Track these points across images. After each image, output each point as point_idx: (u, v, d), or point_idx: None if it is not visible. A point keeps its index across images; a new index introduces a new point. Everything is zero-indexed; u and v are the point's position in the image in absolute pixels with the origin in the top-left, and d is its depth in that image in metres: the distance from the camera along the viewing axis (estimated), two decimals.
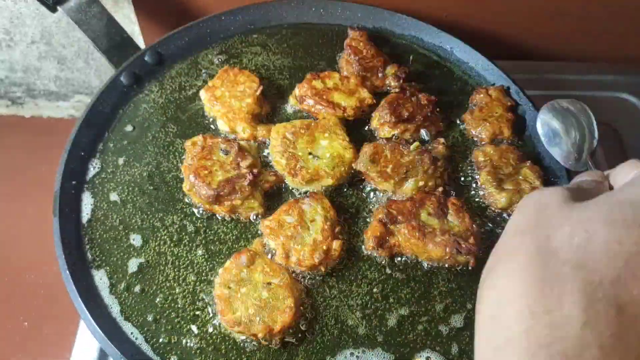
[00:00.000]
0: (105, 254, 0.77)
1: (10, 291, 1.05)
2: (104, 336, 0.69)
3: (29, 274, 1.07)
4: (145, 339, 0.71)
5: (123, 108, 0.91)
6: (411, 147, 0.84)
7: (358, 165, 0.82)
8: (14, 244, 1.11)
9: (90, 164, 0.85)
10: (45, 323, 1.01)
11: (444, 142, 0.86)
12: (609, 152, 1.06)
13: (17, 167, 1.23)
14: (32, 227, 1.11)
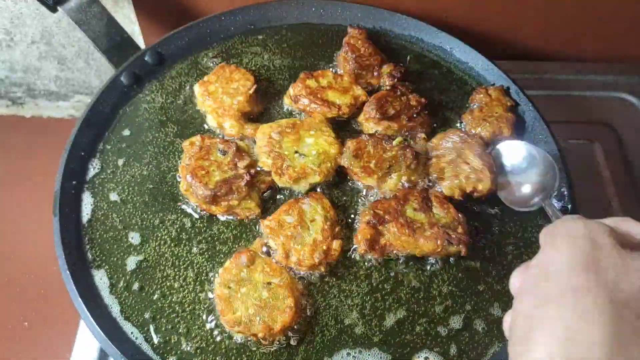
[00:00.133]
0: (105, 254, 0.77)
1: (10, 291, 1.05)
2: (104, 336, 0.69)
3: (29, 274, 1.07)
4: (145, 338, 0.71)
5: (123, 108, 0.91)
6: (394, 142, 0.84)
7: (342, 161, 0.83)
8: (14, 244, 1.11)
9: (90, 164, 0.85)
10: (45, 323, 1.02)
11: (425, 137, 0.88)
12: (609, 152, 1.06)
13: (17, 167, 1.24)
14: (32, 227, 1.11)
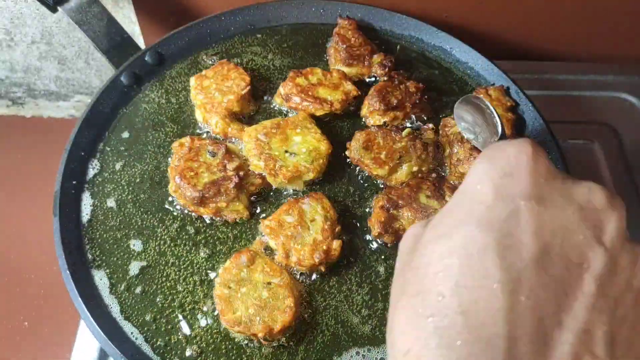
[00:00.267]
0: (105, 254, 0.77)
1: (10, 291, 1.05)
2: (104, 336, 0.69)
3: (29, 274, 1.07)
4: (145, 338, 0.71)
5: (123, 108, 0.91)
6: (403, 133, 0.85)
7: (352, 153, 0.83)
8: (14, 244, 1.11)
9: (90, 164, 0.85)
10: (45, 323, 1.01)
11: (432, 128, 0.88)
12: (609, 152, 1.06)
13: (17, 167, 1.24)
14: (32, 227, 1.11)
